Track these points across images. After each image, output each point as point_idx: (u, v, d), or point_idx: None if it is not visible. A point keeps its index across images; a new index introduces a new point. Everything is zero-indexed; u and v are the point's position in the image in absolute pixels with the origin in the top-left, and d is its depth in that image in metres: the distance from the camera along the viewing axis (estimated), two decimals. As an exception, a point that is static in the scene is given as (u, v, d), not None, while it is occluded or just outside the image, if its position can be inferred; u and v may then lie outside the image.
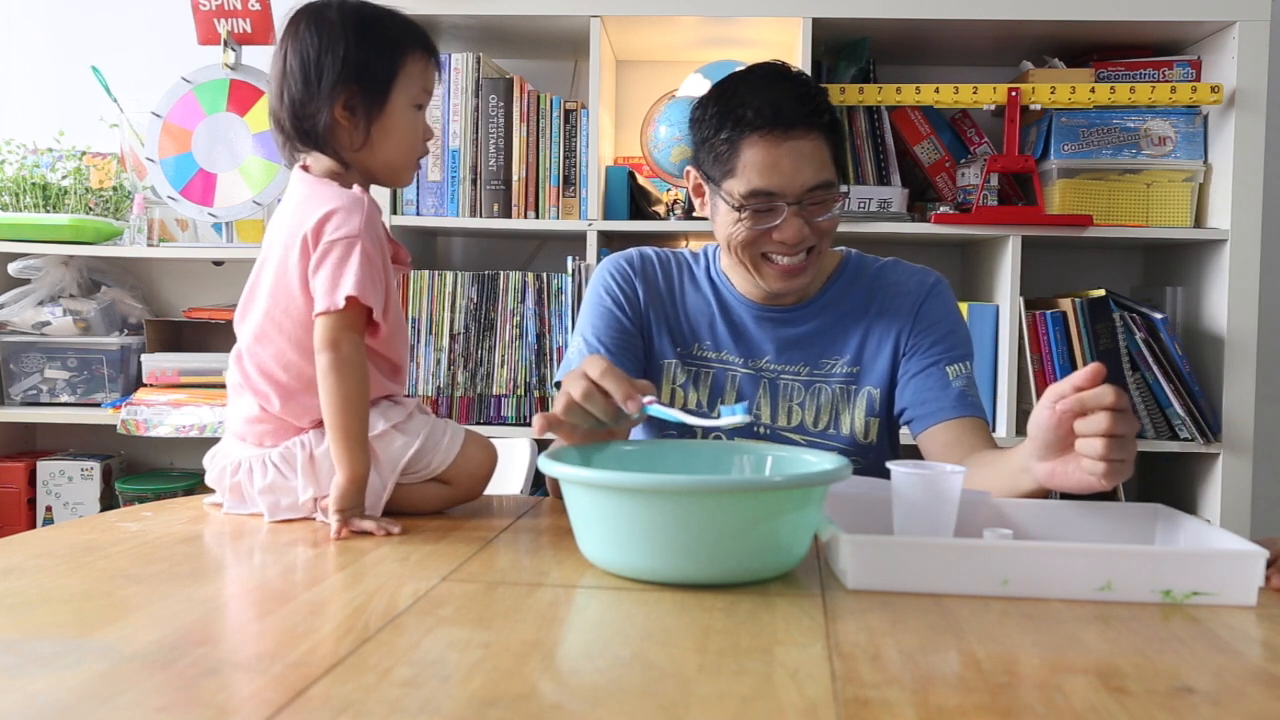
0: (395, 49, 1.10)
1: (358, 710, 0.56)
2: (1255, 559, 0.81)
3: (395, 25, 1.12)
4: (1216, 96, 2.01)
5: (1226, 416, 2.02)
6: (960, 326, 1.38)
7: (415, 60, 1.12)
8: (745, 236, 1.27)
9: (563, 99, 2.17)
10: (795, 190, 1.24)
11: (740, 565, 0.84)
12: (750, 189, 1.24)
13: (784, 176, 1.24)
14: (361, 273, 1.05)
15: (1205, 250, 2.10)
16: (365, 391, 1.06)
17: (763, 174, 1.24)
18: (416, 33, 1.13)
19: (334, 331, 1.05)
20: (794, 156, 1.23)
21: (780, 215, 1.25)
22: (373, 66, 1.09)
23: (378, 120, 1.10)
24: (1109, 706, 0.59)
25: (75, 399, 2.32)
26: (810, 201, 1.25)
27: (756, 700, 0.59)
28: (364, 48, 1.09)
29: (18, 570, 0.86)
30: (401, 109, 1.11)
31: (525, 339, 2.16)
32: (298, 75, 1.09)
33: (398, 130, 1.12)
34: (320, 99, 1.08)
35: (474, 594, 0.80)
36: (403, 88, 1.11)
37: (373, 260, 1.06)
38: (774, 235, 1.26)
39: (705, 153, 1.30)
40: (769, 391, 1.37)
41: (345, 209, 1.07)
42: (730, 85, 1.29)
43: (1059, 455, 0.98)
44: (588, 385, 1.00)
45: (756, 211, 1.25)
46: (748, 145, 1.24)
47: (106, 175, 2.33)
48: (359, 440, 1.05)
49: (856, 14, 2.04)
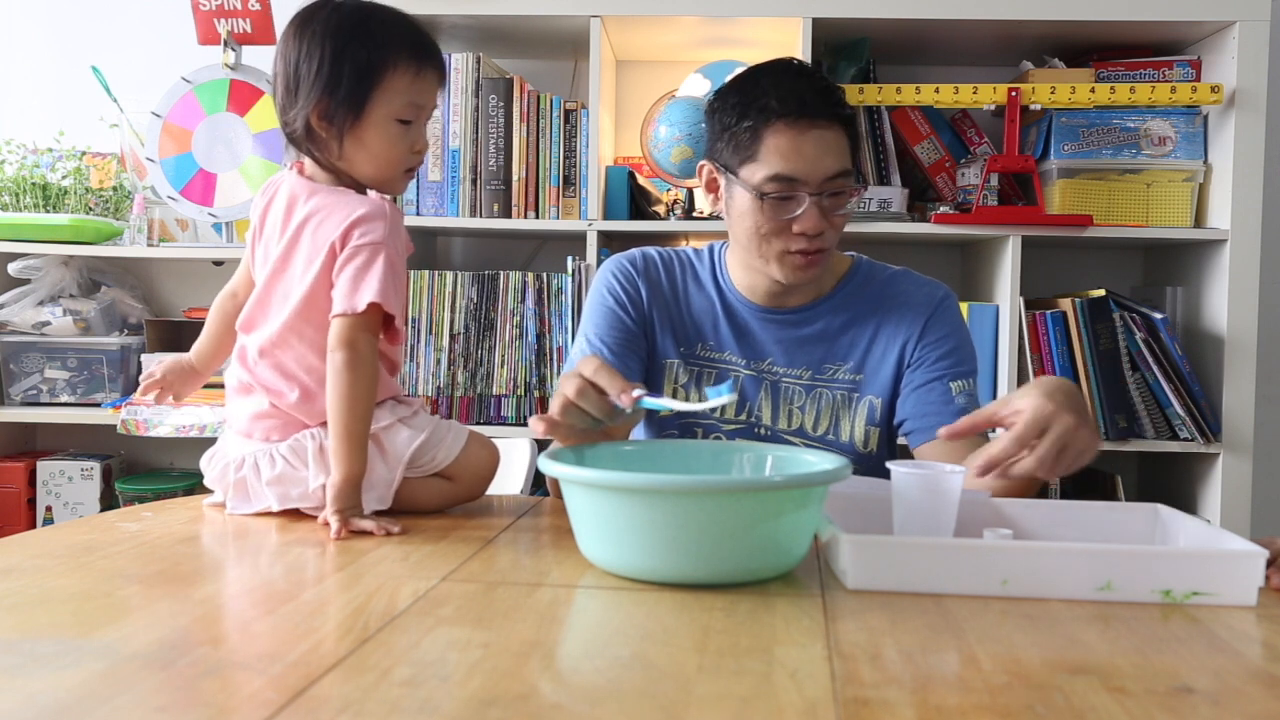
0: (376, 62, 1.07)
1: (358, 710, 0.56)
2: (1255, 559, 0.81)
3: (382, 34, 1.08)
4: (1216, 96, 2.01)
5: (1226, 416, 2.02)
6: (966, 343, 1.38)
7: (400, 73, 1.08)
8: (765, 228, 1.27)
9: (563, 99, 2.17)
10: (817, 178, 1.24)
11: (740, 565, 0.84)
12: (772, 173, 1.24)
13: (807, 163, 1.24)
14: (385, 279, 1.06)
15: (1205, 250, 2.10)
16: (373, 393, 1.07)
17: (785, 159, 1.24)
18: (407, 42, 1.09)
19: (351, 331, 1.05)
20: (817, 144, 1.24)
21: (801, 205, 1.25)
22: (349, 79, 1.07)
23: (350, 132, 1.08)
24: (1109, 706, 0.59)
25: (75, 399, 2.32)
26: (830, 192, 1.26)
27: (756, 700, 0.59)
28: (341, 60, 1.06)
29: (18, 570, 0.86)
30: (379, 123, 1.08)
31: (525, 339, 2.16)
32: (281, 81, 1.10)
33: (373, 145, 1.09)
34: (298, 107, 1.08)
35: (474, 594, 0.80)
36: (382, 101, 1.08)
37: (396, 267, 1.07)
38: (794, 227, 1.26)
39: (724, 142, 1.29)
40: (770, 393, 1.37)
41: (371, 216, 1.07)
42: (751, 77, 1.30)
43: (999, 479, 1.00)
44: (581, 384, 1.01)
45: (776, 200, 1.25)
46: (771, 132, 1.24)
47: (106, 175, 2.33)
48: (359, 441, 1.05)
49: (856, 14, 2.04)
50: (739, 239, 1.33)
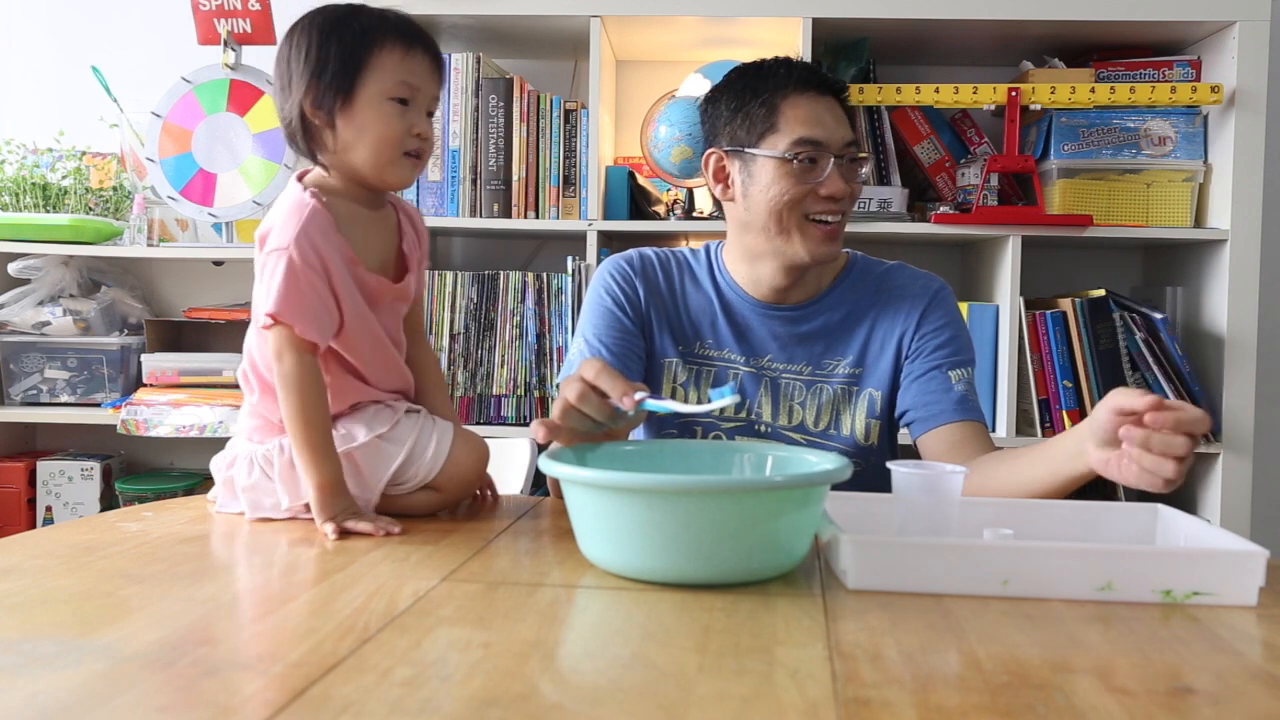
0: (362, 39, 1.07)
1: (358, 710, 0.56)
2: (1255, 559, 0.82)
3: (366, 17, 1.08)
4: (1216, 96, 2.01)
5: (1226, 416, 2.02)
6: (963, 333, 1.39)
7: (388, 51, 1.07)
8: (794, 193, 1.29)
9: (563, 99, 2.17)
10: (837, 142, 1.29)
11: (740, 565, 0.84)
12: (797, 138, 1.28)
13: (827, 129, 1.29)
14: (284, 288, 1.02)
15: (1205, 250, 2.10)
16: (316, 402, 1.04)
17: (808, 124, 1.28)
18: (393, 23, 1.09)
19: (275, 345, 1.04)
20: (831, 111, 1.31)
21: (825, 169, 1.29)
22: (335, 60, 1.06)
23: (342, 114, 1.07)
24: (1109, 706, 0.59)
25: (75, 399, 2.32)
26: (849, 157, 1.31)
27: (756, 700, 0.59)
28: (328, 43, 1.06)
29: (18, 570, 0.86)
30: (371, 101, 1.07)
31: (525, 339, 2.16)
32: (276, 83, 1.10)
33: (366, 124, 1.07)
34: (292, 100, 1.08)
35: (474, 594, 0.80)
36: (371, 80, 1.06)
37: (298, 274, 1.02)
38: (820, 191, 1.29)
39: (737, 123, 1.32)
40: (770, 390, 1.37)
41: (283, 220, 1.05)
42: (753, 64, 1.35)
43: (1118, 447, 1.00)
44: (582, 387, 1.01)
45: (804, 164, 1.28)
46: (789, 103, 1.29)
47: (106, 175, 2.33)
48: (319, 449, 1.03)
49: (856, 14, 2.04)
50: (757, 220, 1.32)
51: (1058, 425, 2.05)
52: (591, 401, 1.00)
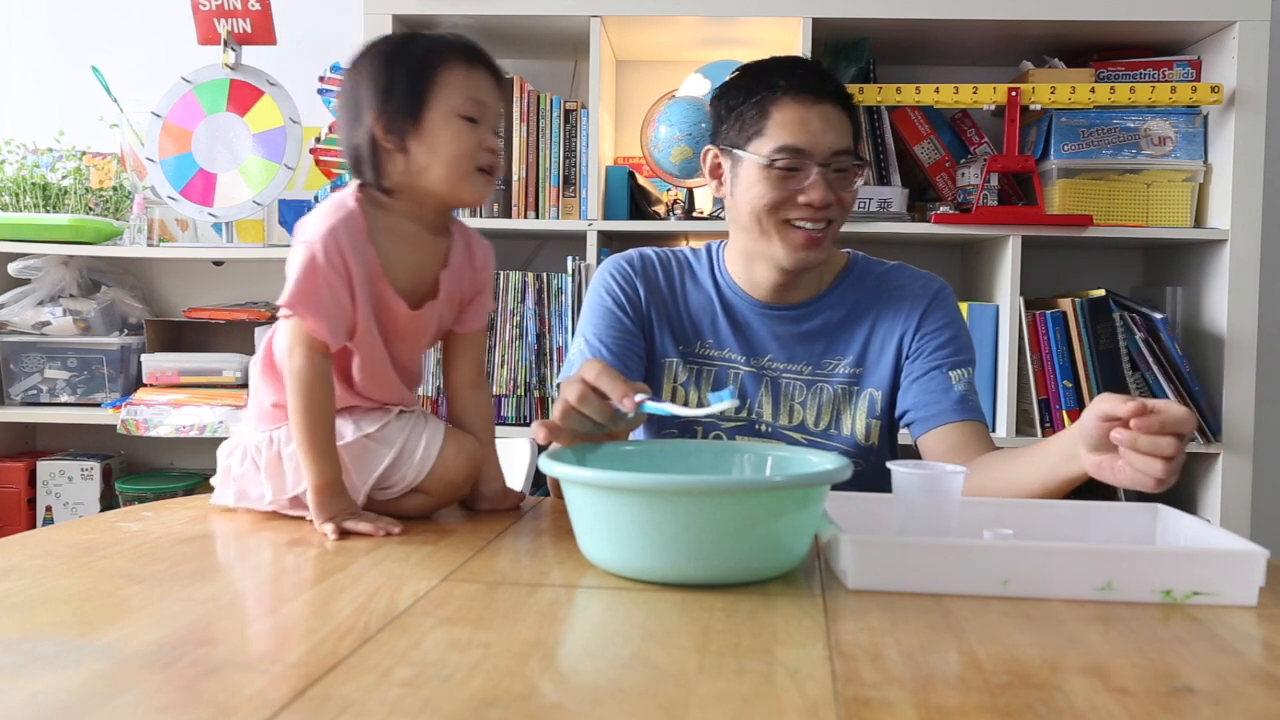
0: (426, 62, 1.07)
1: (358, 710, 0.56)
2: (1255, 559, 0.81)
3: (428, 41, 1.09)
4: (1216, 96, 2.01)
5: (1226, 416, 2.02)
6: (963, 333, 1.39)
7: (452, 70, 1.07)
8: (772, 198, 1.28)
9: (563, 99, 2.17)
10: (823, 151, 1.28)
11: (740, 565, 0.84)
12: (780, 144, 1.28)
13: (813, 136, 1.28)
14: (301, 281, 1.02)
15: (1205, 250, 2.10)
16: (321, 403, 1.04)
17: (792, 131, 1.27)
18: (454, 45, 1.09)
19: (289, 338, 1.04)
20: (822, 119, 1.29)
21: (808, 177, 1.28)
22: (403, 83, 1.06)
23: (414, 135, 1.06)
24: (1109, 706, 0.59)
25: (75, 399, 2.32)
26: (836, 167, 1.29)
27: (756, 700, 0.59)
28: (393, 68, 1.07)
29: (18, 570, 0.86)
30: (441, 120, 1.06)
31: (525, 339, 2.16)
32: (343, 114, 1.09)
33: (439, 143, 1.06)
34: (362, 129, 1.07)
35: (474, 594, 0.80)
36: (440, 98, 1.06)
37: (319, 270, 1.02)
38: (800, 198, 1.28)
39: (731, 123, 1.33)
40: (770, 390, 1.37)
41: (320, 215, 1.05)
42: (756, 64, 1.35)
43: (1110, 449, 1.00)
44: (583, 389, 1.01)
45: (783, 170, 1.27)
46: (778, 108, 1.29)
47: (106, 175, 2.33)
48: (320, 448, 1.03)
49: (856, 14, 2.04)
50: (742, 220, 1.33)
51: (1058, 425, 2.05)
52: (592, 403, 1.00)
